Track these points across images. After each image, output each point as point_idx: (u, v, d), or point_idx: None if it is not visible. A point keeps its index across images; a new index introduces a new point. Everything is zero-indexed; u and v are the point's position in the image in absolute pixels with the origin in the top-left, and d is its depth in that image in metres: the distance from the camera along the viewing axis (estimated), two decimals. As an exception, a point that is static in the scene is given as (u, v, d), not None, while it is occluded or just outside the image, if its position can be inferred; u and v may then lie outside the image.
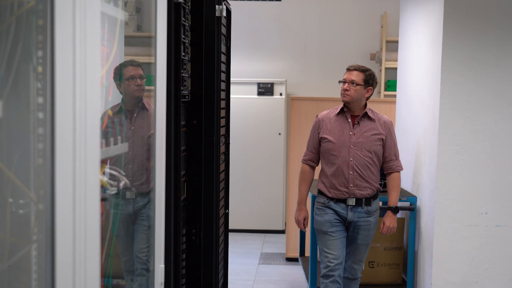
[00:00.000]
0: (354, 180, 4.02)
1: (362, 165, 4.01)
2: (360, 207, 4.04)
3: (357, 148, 4.02)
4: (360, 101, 4.05)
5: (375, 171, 4.07)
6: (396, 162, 4.12)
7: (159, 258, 2.11)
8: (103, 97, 1.78)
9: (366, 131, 4.04)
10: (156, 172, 2.06)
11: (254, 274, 6.09)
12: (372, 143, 4.02)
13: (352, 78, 4.04)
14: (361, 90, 4.02)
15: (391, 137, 4.09)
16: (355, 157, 4.01)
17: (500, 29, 4.08)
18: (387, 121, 4.11)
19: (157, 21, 2.00)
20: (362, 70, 4.06)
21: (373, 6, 7.86)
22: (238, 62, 7.76)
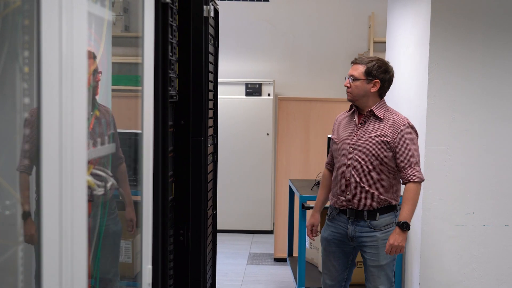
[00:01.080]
0: (351, 188, 3.57)
1: (361, 171, 3.54)
2: (363, 220, 3.56)
3: (356, 151, 3.56)
4: (366, 98, 3.57)
5: (384, 182, 3.54)
6: (410, 171, 3.49)
7: (146, 258, 2.11)
8: (90, 97, 1.77)
9: (369, 132, 3.56)
10: (143, 173, 2.05)
11: (242, 274, 6.09)
12: (373, 146, 3.52)
13: (351, 73, 3.59)
14: (362, 85, 3.54)
15: (403, 141, 3.49)
16: (353, 161, 3.56)
17: (487, 29, 4.11)
18: (400, 122, 3.53)
19: (144, 21, 2.00)
20: (364, 62, 3.57)
21: (360, 7, 7.88)
22: (226, 62, 7.76)
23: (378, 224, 3.54)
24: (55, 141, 1.32)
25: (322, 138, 6.06)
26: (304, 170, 6.41)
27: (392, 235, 3.45)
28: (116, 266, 2.35)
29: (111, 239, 2.28)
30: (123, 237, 2.42)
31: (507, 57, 4.13)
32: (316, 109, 6.44)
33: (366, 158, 3.53)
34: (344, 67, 7.97)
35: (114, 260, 2.33)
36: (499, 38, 4.11)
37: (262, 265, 6.42)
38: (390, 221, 3.56)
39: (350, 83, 3.58)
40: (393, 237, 3.45)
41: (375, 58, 3.59)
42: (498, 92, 4.16)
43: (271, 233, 7.69)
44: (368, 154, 3.52)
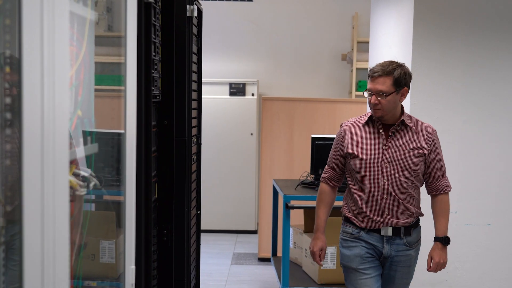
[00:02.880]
0: (390, 207, 3.26)
1: (399, 187, 3.24)
2: (399, 238, 3.28)
3: (393, 166, 3.23)
4: (395, 110, 3.26)
5: (416, 194, 3.32)
6: (443, 181, 3.34)
7: (129, 259, 2.10)
8: (73, 97, 1.76)
9: (403, 145, 3.25)
10: (126, 173, 2.05)
11: (226, 274, 6.09)
12: (411, 159, 3.24)
13: (378, 88, 3.20)
14: (394, 98, 3.20)
15: (436, 151, 3.30)
16: (390, 178, 3.24)
17: (469, 29, 4.14)
18: (431, 130, 3.32)
19: (127, 21, 1.99)
20: (388, 72, 3.21)
21: (344, 7, 7.90)
22: (210, 62, 7.76)
23: (412, 241, 3.31)
24: (36, 141, 1.32)
25: (306, 138, 6.07)
26: (288, 170, 6.42)
27: (436, 252, 3.30)
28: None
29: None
30: (105, 237, 2.41)
31: (489, 57, 4.16)
32: (300, 109, 6.45)
33: (405, 174, 3.24)
34: (328, 67, 8.00)
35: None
36: (481, 37, 4.14)
37: (246, 265, 6.42)
38: (419, 236, 3.39)
39: (379, 99, 3.19)
40: (437, 254, 3.30)
41: (395, 64, 3.25)
42: (481, 91, 4.19)
43: (255, 233, 7.70)
44: (407, 169, 3.23)
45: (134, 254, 2.14)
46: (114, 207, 2.33)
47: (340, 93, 8.04)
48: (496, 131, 4.25)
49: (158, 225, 2.72)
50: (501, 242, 4.34)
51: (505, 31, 4.15)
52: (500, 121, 4.22)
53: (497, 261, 4.36)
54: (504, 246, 4.35)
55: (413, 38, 4.15)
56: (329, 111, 6.50)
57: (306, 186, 5.21)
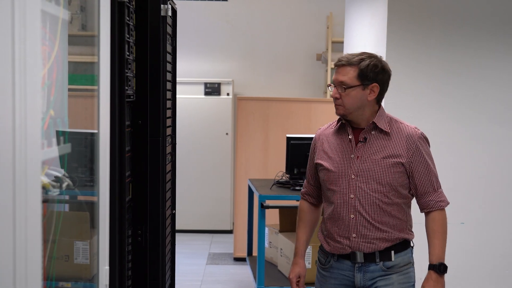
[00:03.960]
0: (358, 228, 2.74)
1: (370, 205, 2.72)
2: (374, 263, 2.75)
3: (361, 179, 2.72)
4: (362, 109, 2.74)
5: (399, 213, 2.76)
6: (435, 196, 2.77)
7: (103, 260, 2.09)
8: (45, 97, 1.75)
9: (375, 153, 2.73)
10: (100, 173, 2.04)
11: (202, 274, 6.08)
12: (385, 171, 2.70)
13: (339, 79, 2.73)
14: (357, 93, 2.70)
15: (421, 159, 2.74)
16: (358, 192, 2.72)
17: (443, 29, 4.18)
18: (413, 134, 2.77)
19: (100, 20, 1.98)
20: (352, 62, 2.71)
21: (318, 7, 7.93)
22: (185, 62, 7.74)
23: (395, 265, 2.76)
24: (8, 141, 1.30)
25: (281, 138, 6.08)
26: (263, 169, 6.43)
27: (429, 283, 2.76)
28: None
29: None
30: (79, 238, 2.39)
31: (464, 55, 4.21)
32: (275, 108, 6.47)
33: (376, 188, 2.71)
34: (303, 67, 8.02)
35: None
36: (455, 37, 4.19)
37: (222, 265, 6.42)
38: (408, 260, 2.81)
39: (340, 93, 2.73)
40: (431, 286, 2.76)
41: (365, 55, 2.75)
42: (456, 90, 4.24)
43: (230, 232, 7.70)
44: (379, 182, 2.71)
45: (108, 255, 2.13)
46: (88, 207, 2.32)
47: (315, 93, 8.07)
48: (469, 129, 4.29)
49: (132, 226, 2.71)
50: (475, 241, 4.39)
51: (479, 30, 4.19)
52: (474, 120, 4.27)
53: (471, 260, 4.40)
54: (478, 244, 4.40)
55: (387, 38, 4.18)
56: (304, 111, 6.53)
57: (281, 186, 5.22)
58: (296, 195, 4.95)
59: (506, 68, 4.21)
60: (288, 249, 5.02)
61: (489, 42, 4.19)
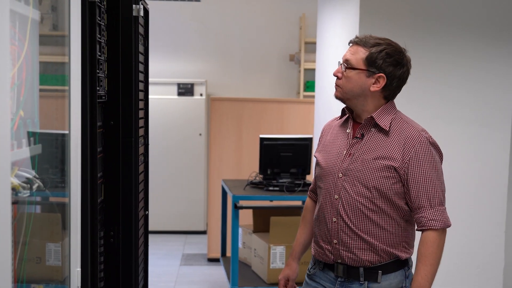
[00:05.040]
0: (339, 233, 2.47)
1: (352, 209, 2.44)
2: (357, 282, 2.46)
3: (348, 178, 2.46)
4: (363, 99, 2.46)
5: (388, 225, 2.45)
6: (429, 213, 2.41)
7: (75, 261, 2.08)
8: (14, 97, 1.73)
9: (367, 152, 2.45)
10: (71, 174, 2.02)
11: (175, 275, 6.07)
12: (373, 172, 2.41)
13: (346, 56, 2.47)
14: (359, 78, 2.42)
15: (418, 166, 2.39)
16: (343, 194, 2.46)
17: (413, 31, 4.21)
18: (414, 135, 2.44)
19: (71, 20, 1.97)
20: (365, 42, 2.44)
21: (291, 8, 7.96)
22: (157, 62, 7.71)
23: (381, 287, 2.45)
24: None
25: (255, 138, 6.09)
26: (236, 170, 6.43)
27: None
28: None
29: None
30: (51, 239, 2.38)
31: (434, 58, 4.24)
32: (249, 109, 6.48)
33: (361, 191, 2.43)
34: (276, 67, 8.04)
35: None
36: (425, 39, 4.23)
37: (196, 266, 6.41)
38: (399, 284, 2.48)
39: (342, 72, 2.46)
40: None
41: (385, 41, 2.48)
42: (425, 92, 4.27)
43: (204, 233, 7.69)
44: (366, 185, 2.42)
45: (79, 257, 2.12)
46: (60, 209, 2.30)
47: (288, 93, 8.09)
48: (439, 132, 4.33)
49: (105, 227, 2.69)
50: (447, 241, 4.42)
51: (450, 33, 4.23)
52: (444, 122, 4.31)
53: (444, 259, 4.44)
54: (451, 244, 4.44)
55: (359, 39, 4.21)
56: (278, 111, 6.55)
57: (254, 186, 5.23)
58: (269, 195, 4.97)
59: (477, 67, 4.25)
60: (262, 249, 5.03)
61: (461, 40, 4.24)
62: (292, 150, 5.28)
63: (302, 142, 5.33)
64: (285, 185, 5.01)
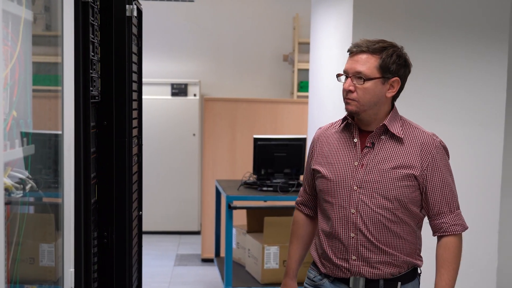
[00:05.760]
0: (359, 249, 2.36)
1: (374, 223, 2.33)
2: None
3: (365, 191, 2.34)
4: (378, 107, 2.37)
5: (408, 235, 2.39)
6: (450, 218, 2.39)
7: (68, 262, 2.07)
8: (7, 98, 1.73)
9: (383, 161, 2.34)
10: (64, 174, 2.02)
11: (169, 276, 6.06)
12: (394, 183, 2.32)
13: (357, 68, 2.34)
14: (377, 87, 2.32)
15: (438, 173, 2.35)
16: (361, 208, 2.34)
17: (407, 31, 4.22)
18: (430, 142, 2.37)
19: (64, 20, 1.97)
20: (374, 49, 2.38)
21: (285, 8, 7.96)
22: (151, 62, 7.71)
23: None
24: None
25: (249, 138, 6.09)
26: (230, 170, 6.43)
27: None
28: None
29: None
30: (44, 240, 2.37)
31: (428, 58, 4.25)
32: (242, 109, 6.47)
33: (383, 204, 2.32)
34: (270, 68, 8.05)
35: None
36: (419, 39, 4.23)
37: (190, 266, 6.41)
38: None
39: (356, 85, 2.33)
40: None
41: (387, 43, 2.44)
42: (418, 92, 4.28)
43: (198, 233, 7.68)
44: (386, 197, 2.32)
45: (73, 257, 2.11)
46: (53, 209, 2.30)
47: (282, 94, 8.09)
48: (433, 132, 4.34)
49: (98, 227, 2.69)
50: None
51: (444, 33, 4.24)
52: (437, 122, 4.32)
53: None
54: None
55: (353, 38, 4.21)
56: (271, 112, 6.55)
57: (248, 187, 5.23)
58: (263, 196, 4.97)
59: (470, 67, 4.26)
60: (256, 249, 5.03)
61: (454, 40, 4.24)
62: (285, 151, 5.28)
63: (296, 143, 5.33)
64: (279, 185, 5.01)
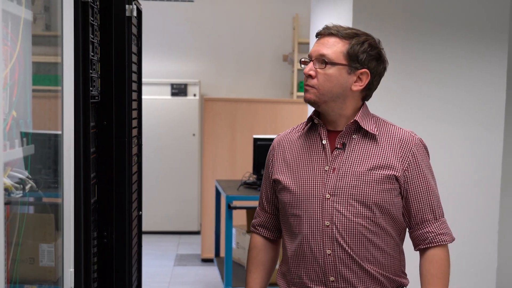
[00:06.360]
0: (338, 267, 2.02)
1: (352, 235, 2.01)
2: None
3: (339, 199, 2.02)
4: (342, 100, 2.07)
5: (390, 248, 2.07)
6: (435, 226, 2.06)
7: (68, 262, 2.07)
8: (7, 98, 1.73)
9: (358, 163, 2.04)
10: (64, 174, 2.02)
11: (169, 276, 6.06)
12: (372, 186, 2.01)
13: (321, 51, 2.04)
14: (341, 75, 2.03)
15: (419, 174, 2.05)
16: (336, 218, 2.01)
17: (407, 30, 4.22)
18: (409, 138, 2.09)
19: (63, 20, 1.97)
20: (344, 34, 2.04)
21: (284, 8, 7.96)
22: (151, 62, 7.71)
23: None
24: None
25: (248, 138, 6.10)
26: (230, 170, 6.43)
27: None
28: None
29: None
30: (44, 240, 2.37)
31: (427, 58, 4.25)
32: (242, 109, 6.47)
33: (361, 212, 2.01)
34: (269, 68, 8.05)
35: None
36: (418, 39, 4.23)
37: (190, 266, 6.41)
38: None
39: (317, 70, 2.03)
40: None
41: (362, 32, 2.12)
42: (417, 92, 4.28)
43: (198, 233, 7.68)
44: (365, 203, 2.01)
45: (73, 257, 2.11)
46: (53, 209, 2.30)
47: (281, 94, 8.09)
48: (432, 132, 4.34)
49: (98, 227, 2.69)
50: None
51: (443, 33, 4.24)
52: (437, 122, 4.32)
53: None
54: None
55: (352, 39, 4.21)
56: (271, 112, 6.55)
57: (248, 187, 5.23)
58: (263, 196, 4.96)
59: (470, 67, 4.26)
60: (256, 249, 5.02)
61: (453, 39, 4.24)
62: (285, 150, 5.27)
63: (295, 142, 5.32)
64: (279, 185, 5.00)
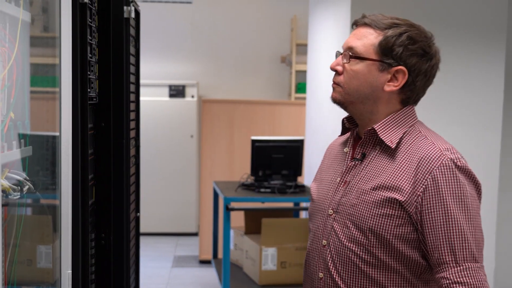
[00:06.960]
0: None
1: (343, 261, 1.74)
2: None
3: (339, 217, 1.78)
4: (373, 103, 1.80)
5: (394, 284, 1.71)
6: (453, 272, 1.62)
7: (66, 263, 2.07)
8: (5, 99, 1.73)
9: (366, 179, 1.76)
10: (62, 176, 2.02)
11: (167, 277, 6.06)
12: (369, 209, 1.71)
13: (350, 43, 1.81)
14: (368, 71, 1.76)
15: (438, 202, 1.64)
16: (332, 239, 1.78)
17: (404, 33, 4.22)
18: (434, 156, 1.68)
19: (61, 21, 1.97)
20: (380, 25, 1.84)
21: (283, 9, 7.97)
22: (149, 64, 7.71)
23: None
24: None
25: (246, 140, 6.09)
26: (228, 171, 6.43)
27: None
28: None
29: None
30: (42, 242, 2.37)
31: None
32: (240, 110, 6.48)
33: (355, 236, 1.73)
34: (268, 69, 8.05)
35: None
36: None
37: (187, 268, 6.40)
38: None
39: (344, 65, 1.81)
40: None
41: (405, 22, 1.88)
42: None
43: (196, 235, 7.68)
44: (359, 227, 1.72)
45: (70, 259, 2.11)
46: (50, 211, 2.30)
47: (279, 95, 8.09)
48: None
49: (96, 229, 2.69)
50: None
51: (442, 34, 4.23)
52: (434, 123, 4.30)
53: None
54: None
55: (350, 41, 4.21)
56: (269, 113, 6.55)
57: (246, 188, 5.23)
58: (260, 197, 4.97)
59: (467, 67, 4.26)
60: (253, 251, 5.03)
61: (452, 40, 4.25)
62: (283, 152, 5.27)
63: (293, 144, 5.33)
64: (277, 186, 5.01)
